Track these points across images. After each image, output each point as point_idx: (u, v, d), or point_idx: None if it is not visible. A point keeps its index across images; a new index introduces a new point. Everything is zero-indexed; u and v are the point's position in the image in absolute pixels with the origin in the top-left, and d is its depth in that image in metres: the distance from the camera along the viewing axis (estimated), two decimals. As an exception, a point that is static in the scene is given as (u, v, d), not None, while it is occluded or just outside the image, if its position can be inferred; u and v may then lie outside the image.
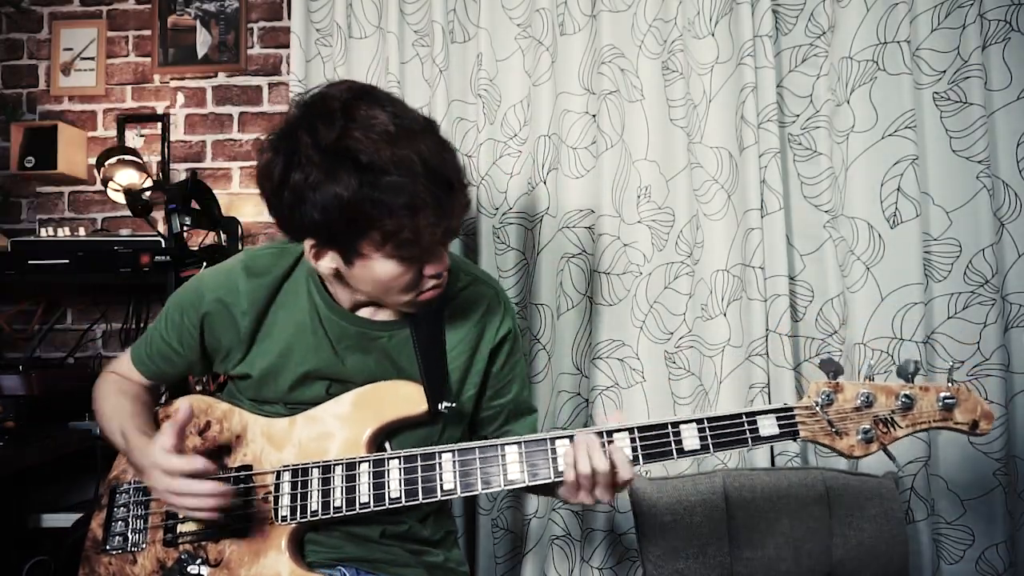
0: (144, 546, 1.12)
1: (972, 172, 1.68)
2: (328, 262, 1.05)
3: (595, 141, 1.80)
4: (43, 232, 2.08)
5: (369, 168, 0.93)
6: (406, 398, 1.13)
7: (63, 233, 2.08)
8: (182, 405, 1.10)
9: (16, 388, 1.86)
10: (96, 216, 2.35)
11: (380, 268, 1.01)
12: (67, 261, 2.00)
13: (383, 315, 1.16)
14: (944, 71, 1.70)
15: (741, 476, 1.54)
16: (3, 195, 2.32)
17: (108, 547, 1.14)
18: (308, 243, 1.03)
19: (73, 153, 2.27)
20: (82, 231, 2.12)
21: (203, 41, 2.33)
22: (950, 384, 1.04)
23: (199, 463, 1.01)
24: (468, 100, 1.87)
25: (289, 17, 2.18)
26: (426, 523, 1.21)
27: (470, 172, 1.86)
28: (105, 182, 2.18)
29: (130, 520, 1.15)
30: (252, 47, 2.32)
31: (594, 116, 1.80)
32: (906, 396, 1.03)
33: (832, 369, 1.04)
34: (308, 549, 1.12)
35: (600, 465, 0.99)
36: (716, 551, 1.48)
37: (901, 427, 1.04)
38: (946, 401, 1.03)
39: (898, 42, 1.72)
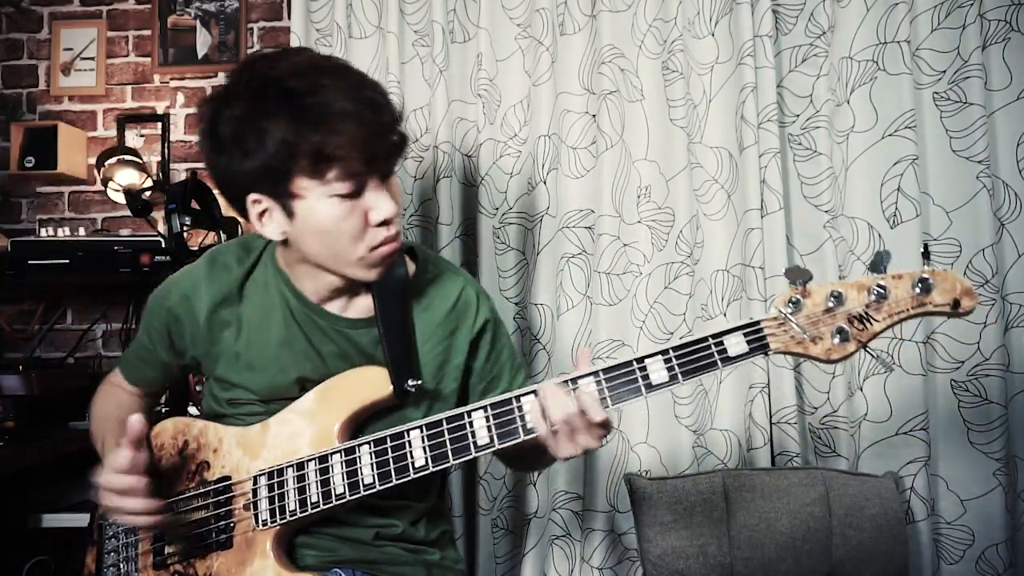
0: (136, 573, 1.13)
1: (972, 172, 1.68)
2: (275, 224, 1.04)
3: (595, 141, 1.80)
4: (43, 232, 2.09)
5: (295, 93, 0.95)
6: (370, 382, 1.11)
7: (63, 233, 2.08)
8: (132, 420, 1.02)
9: (16, 388, 1.86)
10: (96, 216, 2.35)
11: (320, 211, 1.00)
12: (67, 261, 2.00)
13: (353, 311, 1.15)
14: (944, 71, 1.70)
15: (741, 476, 1.54)
16: (3, 195, 2.32)
17: None
18: (251, 199, 1.02)
19: (73, 153, 2.27)
20: (82, 231, 2.12)
21: (203, 41, 2.33)
22: (924, 267, 0.95)
23: (124, 482, 1.00)
24: (468, 100, 1.87)
25: (289, 17, 2.18)
26: (418, 525, 1.20)
27: (470, 172, 1.87)
28: (105, 182, 2.19)
29: (120, 549, 1.16)
30: (252, 47, 2.33)
31: (594, 116, 1.80)
32: (879, 287, 0.95)
33: (799, 277, 0.97)
34: (302, 553, 1.11)
35: (569, 407, 0.97)
36: (716, 551, 1.48)
37: (877, 320, 0.95)
38: (921, 284, 0.94)
39: (898, 42, 1.73)
